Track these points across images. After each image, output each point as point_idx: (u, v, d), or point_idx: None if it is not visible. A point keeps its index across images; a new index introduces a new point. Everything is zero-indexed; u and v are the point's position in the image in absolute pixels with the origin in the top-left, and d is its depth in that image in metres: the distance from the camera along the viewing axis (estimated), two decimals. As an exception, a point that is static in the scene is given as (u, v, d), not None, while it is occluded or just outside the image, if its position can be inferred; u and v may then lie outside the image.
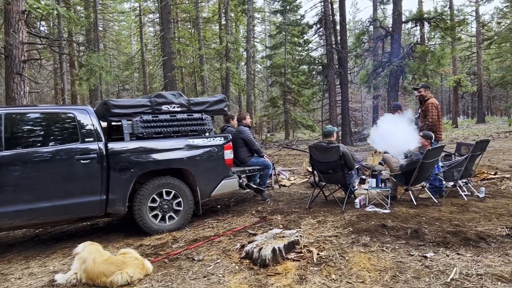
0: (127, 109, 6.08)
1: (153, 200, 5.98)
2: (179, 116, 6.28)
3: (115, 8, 35.53)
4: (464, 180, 7.14)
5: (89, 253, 4.15)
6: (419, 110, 7.47)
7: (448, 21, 12.34)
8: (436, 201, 6.47)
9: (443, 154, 9.25)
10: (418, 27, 13.70)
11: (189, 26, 37.33)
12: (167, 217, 6.06)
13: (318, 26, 20.33)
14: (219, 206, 7.52)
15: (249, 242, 4.82)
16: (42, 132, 5.58)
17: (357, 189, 6.94)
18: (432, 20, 12.74)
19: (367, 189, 6.59)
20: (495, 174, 9.18)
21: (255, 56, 40.20)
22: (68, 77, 33.16)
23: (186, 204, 6.15)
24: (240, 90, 31.58)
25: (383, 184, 6.48)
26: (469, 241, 4.49)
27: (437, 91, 58.84)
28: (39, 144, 5.43)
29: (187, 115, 6.35)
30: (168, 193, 6.05)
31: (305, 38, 22.20)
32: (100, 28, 42.03)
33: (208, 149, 6.32)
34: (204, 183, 6.29)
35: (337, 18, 19.70)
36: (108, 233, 6.44)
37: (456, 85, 33.57)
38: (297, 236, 4.70)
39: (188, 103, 6.48)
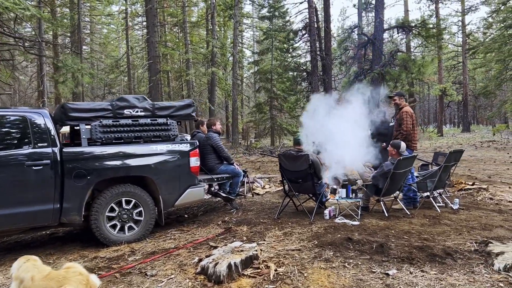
0: (86, 113, 5.78)
1: (112, 210, 5.67)
2: (141, 121, 5.99)
3: (101, 11, 35.12)
4: (438, 191, 6.94)
5: (26, 271, 3.81)
6: (394, 119, 7.28)
7: (431, 29, 12.26)
8: (408, 213, 6.26)
9: (420, 163, 9.09)
10: (401, 35, 13.63)
11: (177, 31, 37.12)
12: (126, 227, 5.76)
13: (303, 32, 20.20)
14: (186, 216, 7.23)
15: (206, 256, 4.56)
16: (-10, 136, 5.25)
17: (329, 199, 6.68)
18: (413, 28, 12.67)
19: (337, 200, 6.35)
20: (472, 184, 9.01)
21: (242, 62, 40.06)
22: (52, 79, 32.71)
23: (148, 214, 5.85)
24: (226, 95, 31.34)
25: (353, 194, 6.24)
26: (435, 257, 4.26)
27: (424, 99, 59.31)
28: (-15, 149, 5.11)
29: (151, 120, 6.07)
30: (128, 202, 5.76)
31: (290, 44, 22.05)
32: (87, 31, 41.69)
33: (172, 156, 6.03)
34: (167, 192, 5.99)
35: (322, 24, 19.59)
36: (65, 243, 6.11)
37: (441, 94, 33.70)
38: (256, 251, 4.43)
39: (152, 107, 6.20)
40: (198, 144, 6.31)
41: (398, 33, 13.62)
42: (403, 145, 6.43)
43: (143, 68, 31.06)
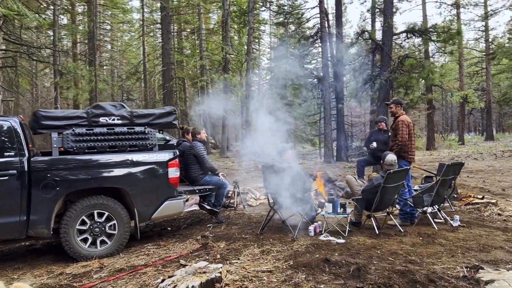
0: (59, 121, 5.55)
1: (83, 222, 5.40)
2: (117, 129, 5.72)
3: (119, 19, 35.49)
4: (436, 206, 6.44)
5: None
6: (390, 128, 6.83)
7: (442, 34, 11.68)
8: (402, 230, 5.79)
9: (424, 175, 8.59)
10: (416, 40, 13.12)
11: (194, 37, 37.20)
12: (98, 241, 5.48)
13: (315, 38, 19.80)
14: (169, 229, 6.92)
15: (169, 277, 4.22)
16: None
17: (319, 213, 6.24)
18: (424, 33, 12.10)
19: (323, 215, 5.92)
20: (482, 198, 8.43)
21: (259, 68, 39.81)
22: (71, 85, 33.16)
23: (121, 227, 5.56)
24: (240, 101, 31.12)
25: (342, 209, 5.81)
26: (416, 284, 3.81)
27: (446, 106, 57.84)
28: None
29: (128, 128, 5.79)
30: (100, 215, 5.48)
31: (303, 50, 21.66)
32: (107, 38, 42.29)
33: (149, 166, 5.74)
34: (143, 204, 5.70)
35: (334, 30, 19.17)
36: (39, 256, 5.88)
37: (462, 101, 32.62)
38: (220, 272, 4.07)
39: (130, 115, 5.93)
40: (179, 153, 6.00)
41: (407, 38, 13.11)
42: (389, 158, 5.95)
43: (158, 75, 31.20)
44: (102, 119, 5.75)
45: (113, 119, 5.81)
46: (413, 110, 32.91)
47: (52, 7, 20.26)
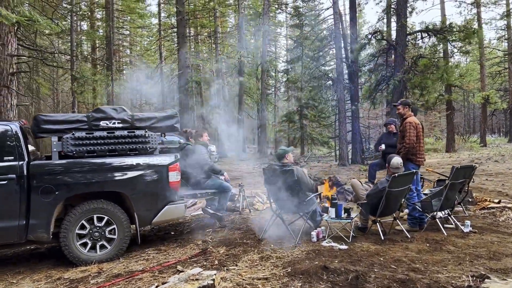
0: (60, 125, 5.54)
1: (82, 227, 5.37)
2: (117, 133, 5.68)
3: (136, 24, 35.90)
4: (447, 211, 6.19)
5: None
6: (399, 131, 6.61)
7: (457, 33, 11.33)
8: (408, 236, 5.58)
9: (437, 178, 8.33)
10: (430, 40, 12.73)
11: (210, 41, 37.34)
12: (98, 246, 5.43)
13: (329, 39, 19.57)
14: (172, 233, 6.84)
15: (163, 283, 4.14)
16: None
17: (324, 217, 6.06)
18: (439, 32, 11.76)
19: (326, 220, 5.75)
20: (498, 202, 8.12)
21: (276, 70, 39.67)
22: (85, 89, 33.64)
23: (121, 231, 5.51)
24: (256, 105, 31.12)
25: (346, 214, 5.63)
26: (416, 294, 3.63)
27: (468, 107, 56.57)
28: None
29: (128, 132, 5.74)
30: (100, 219, 5.44)
31: (316, 52, 21.48)
32: (126, 43, 42.85)
33: (149, 170, 5.67)
34: (143, 209, 5.63)
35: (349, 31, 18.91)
36: (41, 261, 5.88)
37: (484, 102, 31.82)
38: (212, 280, 3.96)
39: (131, 118, 5.88)
40: (178, 157, 5.92)
41: (422, 38, 12.76)
42: (395, 161, 5.75)
43: (174, 79, 31.34)
44: (102, 123, 5.72)
45: (114, 123, 5.77)
46: (432, 111, 32.28)
47: (68, 14, 20.58)
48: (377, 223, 5.61)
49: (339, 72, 18.77)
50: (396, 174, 5.30)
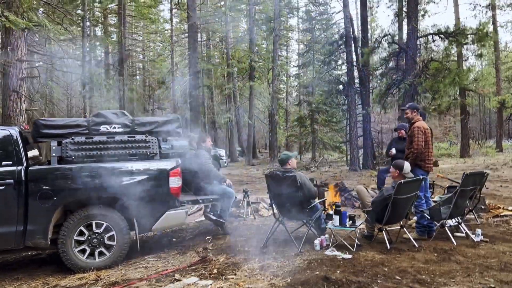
0: (60, 129, 5.50)
1: (81, 233, 5.29)
2: (117, 137, 5.60)
3: (146, 29, 36.16)
4: (456, 220, 5.96)
5: None
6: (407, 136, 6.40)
7: (468, 36, 11.06)
8: (416, 245, 5.37)
9: (447, 185, 8.08)
10: (440, 42, 12.48)
11: (222, 46, 37.37)
12: (96, 252, 5.34)
13: (340, 43, 19.38)
14: (174, 239, 6.72)
15: (157, 292, 4.02)
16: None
17: (328, 225, 5.86)
18: (451, 35, 11.50)
19: (330, 228, 5.57)
20: (512, 209, 7.85)
21: (287, 75, 39.56)
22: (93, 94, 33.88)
23: (120, 238, 5.41)
24: (267, 109, 31.01)
25: (350, 221, 5.44)
26: (421, 308, 3.44)
27: (484, 112, 55.62)
28: None
29: (128, 136, 5.65)
30: (98, 226, 5.35)
31: (327, 56, 21.27)
32: (138, 49, 43.15)
33: (149, 175, 5.57)
34: (142, 215, 5.52)
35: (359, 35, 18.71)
36: (40, 267, 5.82)
37: (500, 106, 31.18)
38: (207, 290, 3.83)
39: (132, 123, 5.81)
40: (180, 162, 5.81)
41: (433, 40, 12.51)
42: (406, 165, 5.56)
43: (185, 84, 31.40)
44: (103, 128, 5.65)
45: (114, 128, 5.70)
46: (446, 115, 31.71)
47: (80, 20, 20.75)
48: (383, 231, 5.41)
49: (350, 76, 18.57)
50: (402, 181, 5.10)
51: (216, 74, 33.81)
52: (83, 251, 5.30)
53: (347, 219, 5.43)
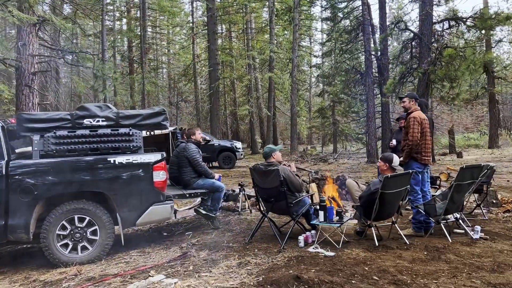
0: (43, 123, 5.45)
1: (63, 227, 5.25)
2: (100, 131, 5.51)
3: (168, 21, 36.28)
4: (456, 215, 5.61)
5: None
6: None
7: (488, 20, 10.37)
8: (407, 242, 5.08)
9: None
10: (456, 28, 11.74)
11: (244, 37, 37.12)
12: (79, 247, 5.29)
13: (357, 31, 18.82)
14: (165, 234, 6.63)
15: (124, 290, 3.93)
16: None
17: (313, 221, 5.61)
18: (468, 20, 10.85)
19: (315, 224, 5.33)
20: (526, 204, 7.39)
21: (309, 65, 38.93)
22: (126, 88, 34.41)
23: (104, 232, 5.34)
24: (287, 100, 30.64)
25: (338, 217, 5.18)
26: (387, 313, 3.19)
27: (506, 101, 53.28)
28: None
29: (111, 130, 5.56)
30: (81, 220, 5.29)
31: (346, 45, 20.72)
32: (165, 43, 43.46)
33: (132, 169, 5.47)
34: (126, 209, 5.44)
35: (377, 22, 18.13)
36: (29, 260, 5.81)
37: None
38: (170, 288, 3.69)
39: (116, 116, 5.71)
40: (165, 156, 5.69)
41: (449, 26, 11.83)
42: (396, 159, 5.26)
43: (205, 77, 31.47)
44: (86, 121, 5.58)
45: (98, 121, 5.62)
46: (475, 104, 30.50)
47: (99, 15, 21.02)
48: (372, 228, 5.14)
49: (368, 65, 18.04)
50: (389, 175, 4.81)
51: (238, 65, 33.60)
52: (65, 246, 5.26)
53: (334, 215, 5.18)
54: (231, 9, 34.04)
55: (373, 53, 17.36)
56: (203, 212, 6.34)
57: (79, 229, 5.28)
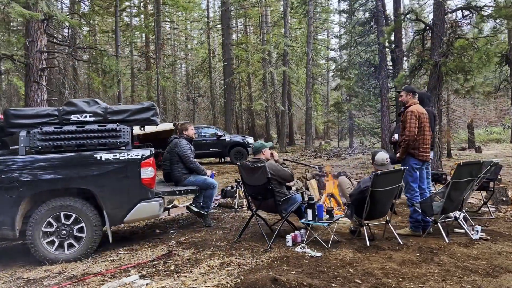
0: (30, 119, 5.41)
1: (50, 225, 5.19)
2: (87, 127, 5.43)
3: (183, 17, 36.27)
4: (455, 214, 5.32)
5: None
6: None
7: (503, 9, 9.87)
8: (401, 242, 4.83)
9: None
10: (470, 18, 11.23)
11: (260, 31, 36.82)
12: (66, 244, 5.24)
13: (371, 23, 18.36)
14: (157, 231, 6.53)
15: (97, 290, 3.82)
16: None
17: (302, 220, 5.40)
18: (483, 9, 10.35)
19: (303, 223, 5.13)
20: (538, 202, 7.02)
21: (327, 59, 38.39)
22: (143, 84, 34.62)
23: (90, 230, 5.27)
24: (302, 94, 30.31)
25: (328, 215, 4.97)
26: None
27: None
28: None
29: (98, 125, 5.47)
30: (67, 217, 5.23)
31: (360, 37, 20.24)
32: (183, 38, 43.55)
33: (118, 166, 5.37)
34: (113, 207, 5.36)
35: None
36: (21, 257, 5.79)
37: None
38: (140, 290, 3.56)
39: (104, 111, 5.62)
40: (153, 152, 5.57)
41: (463, 16, 11.33)
42: (379, 156, 5.00)
43: (220, 71, 31.35)
44: (73, 117, 5.52)
45: (85, 117, 5.54)
46: (498, 97, 29.50)
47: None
48: (364, 227, 4.90)
49: (381, 58, 17.60)
50: (379, 172, 4.56)
51: (253, 60, 33.36)
52: (52, 243, 5.21)
53: (324, 213, 4.97)
54: (247, 3, 33.75)
55: (387, 45, 16.88)
56: (195, 209, 6.21)
57: (65, 226, 5.24)
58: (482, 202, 6.78)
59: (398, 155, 5.48)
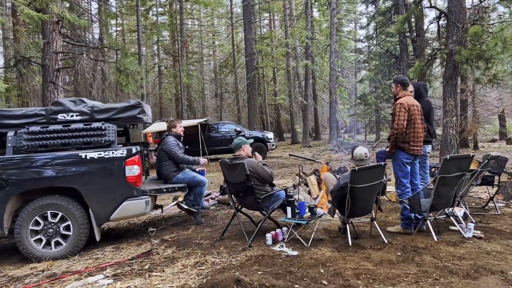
0: (17, 119, 5.52)
1: (37, 223, 5.27)
2: (72, 126, 5.47)
3: (208, 13, 36.42)
4: (446, 211, 5.04)
5: None
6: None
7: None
8: (385, 241, 4.62)
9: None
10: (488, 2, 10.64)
11: (285, 25, 36.51)
12: (53, 242, 5.30)
13: (391, 12, 17.79)
14: (151, 228, 6.52)
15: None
16: None
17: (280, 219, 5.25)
18: (501, -7, 9.80)
19: (282, 220, 4.97)
20: (551, 197, 6.58)
21: (354, 51, 37.62)
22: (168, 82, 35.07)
23: (76, 228, 5.31)
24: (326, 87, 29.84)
25: (310, 213, 4.80)
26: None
27: None
28: None
29: (84, 124, 5.51)
30: (54, 215, 5.29)
31: (380, 27, 19.67)
32: (210, 34, 43.82)
33: (103, 164, 5.38)
34: (98, 205, 5.38)
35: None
36: (12, 255, 5.91)
37: None
38: (101, 290, 3.54)
39: (91, 110, 5.66)
40: (139, 150, 5.55)
41: (480, 1, 10.72)
42: (358, 151, 4.77)
43: (243, 67, 31.24)
44: (60, 116, 5.58)
45: (72, 116, 5.59)
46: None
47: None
48: (347, 225, 4.71)
49: (402, 48, 17.04)
50: (356, 168, 4.36)
51: (278, 54, 33.09)
52: (39, 241, 5.29)
53: (306, 210, 4.80)
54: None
55: (408, 35, 16.32)
56: (185, 207, 6.17)
57: (52, 224, 5.30)
58: (489, 198, 6.42)
59: (387, 149, 5.24)
